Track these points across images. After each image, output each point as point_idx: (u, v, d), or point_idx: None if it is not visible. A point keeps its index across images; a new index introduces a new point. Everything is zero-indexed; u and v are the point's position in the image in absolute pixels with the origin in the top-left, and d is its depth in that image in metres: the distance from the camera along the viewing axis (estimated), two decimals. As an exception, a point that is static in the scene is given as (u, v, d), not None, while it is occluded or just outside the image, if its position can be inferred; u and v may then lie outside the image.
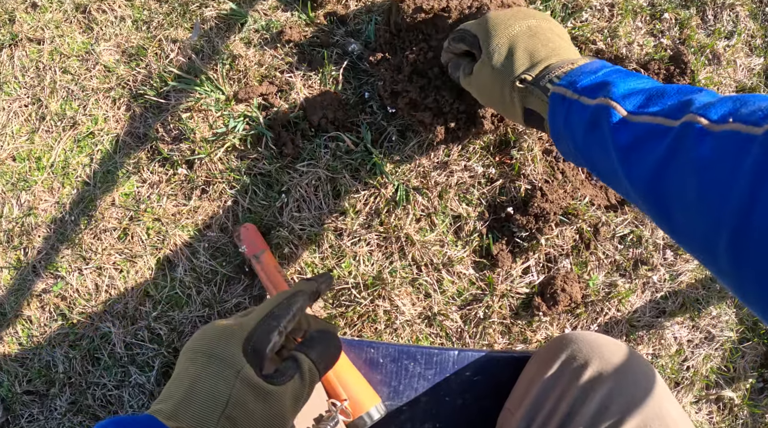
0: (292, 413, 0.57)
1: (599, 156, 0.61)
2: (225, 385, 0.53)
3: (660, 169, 0.52)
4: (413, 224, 1.17)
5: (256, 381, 0.54)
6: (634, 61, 1.33)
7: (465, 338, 1.17)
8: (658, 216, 0.54)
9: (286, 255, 1.16)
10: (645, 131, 0.54)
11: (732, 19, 1.42)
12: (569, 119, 0.66)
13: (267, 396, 0.54)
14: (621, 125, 0.57)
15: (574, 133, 0.65)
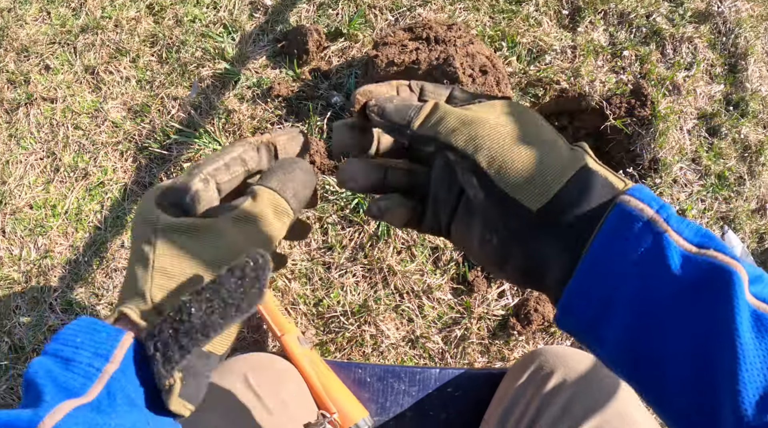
0: (253, 246, 0.45)
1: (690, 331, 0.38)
2: (148, 249, 0.44)
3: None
4: (395, 256, 1.30)
5: (178, 222, 0.44)
6: (597, 97, 1.48)
7: (447, 358, 1.29)
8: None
9: (281, 288, 1.29)
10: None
11: (691, 51, 1.59)
12: (648, 265, 0.39)
13: (200, 231, 0.44)
14: (748, 309, 0.36)
15: (645, 290, 0.39)
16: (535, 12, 1.53)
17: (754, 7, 1.69)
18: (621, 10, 1.56)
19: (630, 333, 0.39)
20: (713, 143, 1.53)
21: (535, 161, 0.43)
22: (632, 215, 0.39)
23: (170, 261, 0.43)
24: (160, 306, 0.42)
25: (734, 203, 1.50)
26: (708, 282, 0.37)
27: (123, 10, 1.53)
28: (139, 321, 0.41)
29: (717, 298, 0.37)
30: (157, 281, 0.43)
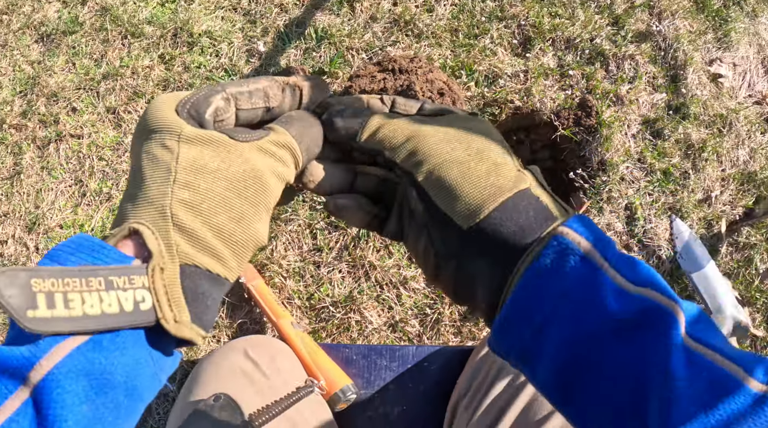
0: (272, 184, 0.45)
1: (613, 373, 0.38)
2: (169, 156, 0.41)
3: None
4: (375, 254, 1.53)
5: (208, 134, 0.43)
6: (548, 112, 1.71)
7: (424, 339, 1.51)
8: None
9: (277, 285, 1.52)
10: (714, 379, 0.36)
11: (633, 66, 1.82)
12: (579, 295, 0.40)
13: (228, 149, 0.43)
14: (683, 351, 0.37)
15: (570, 318, 0.40)
16: (490, 44, 1.78)
17: (692, 23, 1.92)
18: (567, 36, 1.80)
19: (561, 365, 0.39)
20: (657, 144, 1.74)
21: (472, 179, 0.44)
22: (568, 248, 0.39)
23: (194, 175, 0.41)
24: (182, 225, 0.40)
25: (680, 195, 1.70)
26: (644, 322, 0.37)
27: (138, 59, 1.81)
28: (155, 246, 0.39)
29: (652, 338, 0.37)
30: (179, 195, 0.40)
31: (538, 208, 0.43)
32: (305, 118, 0.50)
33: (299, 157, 0.48)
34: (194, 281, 0.40)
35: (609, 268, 0.39)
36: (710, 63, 1.91)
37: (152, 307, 0.38)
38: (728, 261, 1.68)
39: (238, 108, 0.47)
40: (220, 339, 1.53)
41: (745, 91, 1.91)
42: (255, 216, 0.44)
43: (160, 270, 0.39)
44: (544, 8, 1.83)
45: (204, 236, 0.41)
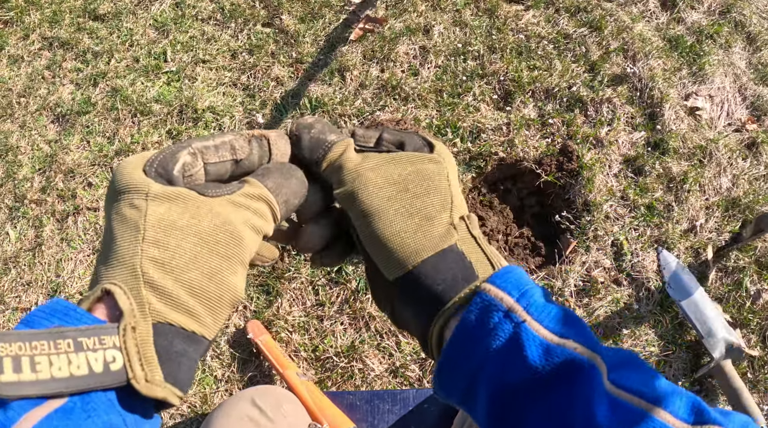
0: (247, 238, 0.45)
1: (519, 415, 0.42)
2: (137, 215, 0.42)
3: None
4: (373, 305, 1.66)
5: (175, 191, 0.43)
6: (531, 160, 1.84)
7: (424, 383, 1.62)
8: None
9: (284, 339, 1.65)
10: (635, 422, 0.38)
11: (611, 109, 1.95)
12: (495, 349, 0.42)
13: (196, 204, 0.43)
14: (605, 398, 0.40)
15: (495, 372, 0.42)
16: (473, 101, 1.93)
17: (666, 61, 2.05)
18: (546, 86, 1.95)
19: (493, 414, 0.42)
20: (639, 180, 1.86)
21: (399, 235, 0.46)
22: (491, 305, 0.41)
23: (164, 231, 0.41)
24: (153, 283, 0.40)
25: (665, 227, 1.80)
26: (565, 374, 0.39)
27: (148, 135, 1.99)
28: (127, 305, 0.39)
29: (574, 389, 0.39)
30: (148, 252, 0.41)
31: (461, 265, 0.45)
32: (284, 169, 0.49)
33: (276, 210, 0.47)
34: (168, 339, 0.40)
35: (532, 321, 0.41)
36: (686, 97, 2.03)
37: (123, 367, 0.38)
38: (718, 287, 1.76)
39: (205, 162, 0.47)
40: (232, 392, 1.65)
41: (724, 120, 2.03)
42: (228, 271, 0.43)
43: (132, 329, 0.38)
44: (522, 62, 1.98)
45: (176, 293, 0.40)
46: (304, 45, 2.09)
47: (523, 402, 0.41)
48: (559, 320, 0.41)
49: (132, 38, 2.23)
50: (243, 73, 2.09)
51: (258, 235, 0.46)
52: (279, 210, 0.48)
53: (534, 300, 0.42)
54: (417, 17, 2.09)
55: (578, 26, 2.07)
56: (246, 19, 2.18)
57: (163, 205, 0.42)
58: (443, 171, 0.50)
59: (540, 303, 0.42)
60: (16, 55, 2.28)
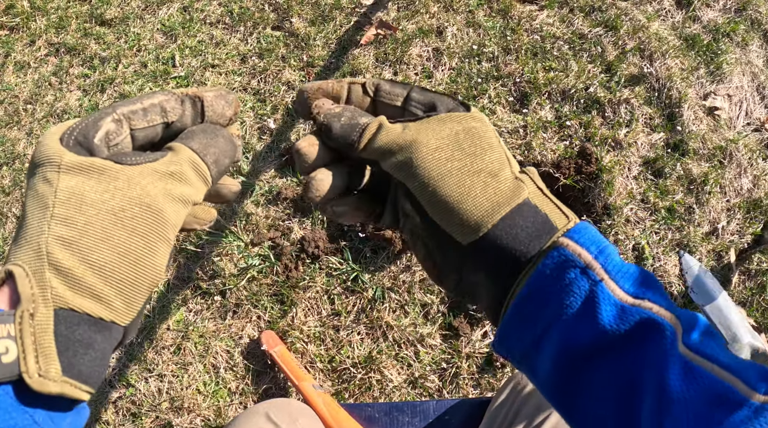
0: (169, 211, 0.42)
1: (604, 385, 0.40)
2: (48, 190, 0.39)
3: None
4: (391, 314, 1.60)
5: (88, 161, 0.40)
6: (549, 163, 1.78)
7: (444, 394, 1.57)
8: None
9: (299, 350, 1.60)
10: (712, 391, 0.36)
11: (629, 110, 1.89)
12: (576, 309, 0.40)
13: (112, 176, 0.40)
14: (679, 363, 0.37)
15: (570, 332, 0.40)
16: (489, 103, 1.88)
17: (683, 61, 1.99)
18: (562, 88, 1.89)
19: (558, 373, 0.40)
20: (659, 183, 1.80)
21: (470, 195, 0.42)
22: (569, 260, 0.39)
23: (74, 207, 0.38)
24: (58, 264, 0.37)
25: (687, 230, 1.75)
26: (639, 335, 0.38)
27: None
28: (27, 288, 0.36)
29: (647, 351, 0.38)
30: (56, 231, 0.37)
31: (538, 220, 0.42)
32: (208, 129, 0.47)
33: (206, 173, 0.45)
34: (70, 327, 0.36)
35: (609, 281, 0.39)
36: (705, 97, 1.98)
37: (16, 359, 0.34)
38: (741, 290, 1.71)
39: (133, 128, 0.43)
40: (246, 405, 1.60)
41: (743, 119, 1.97)
42: (145, 250, 0.40)
43: (30, 317, 0.35)
44: (537, 63, 1.92)
45: (82, 275, 0.37)
46: (315, 48, 2.04)
47: (592, 362, 0.39)
48: (635, 280, 0.39)
49: (139, 43, 2.18)
50: (253, 77, 2.04)
51: (184, 205, 0.43)
52: (209, 171, 0.45)
53: (612, 258, 0.40)
54: (429, 19, 2.03)
55: (593, 26, 2.02)
56: (255, 23, 2.13)
57: (76, 177, 0.39)
58: (489, 127, 0.47)
59: (618, 261, 0.40)
60: (22, 62, 2.23)
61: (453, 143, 0.44)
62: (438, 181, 0.43)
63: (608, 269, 0.39)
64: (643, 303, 0.39)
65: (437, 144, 0.44)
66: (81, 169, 0.39)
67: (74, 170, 0.39)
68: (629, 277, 0.40)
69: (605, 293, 0.39)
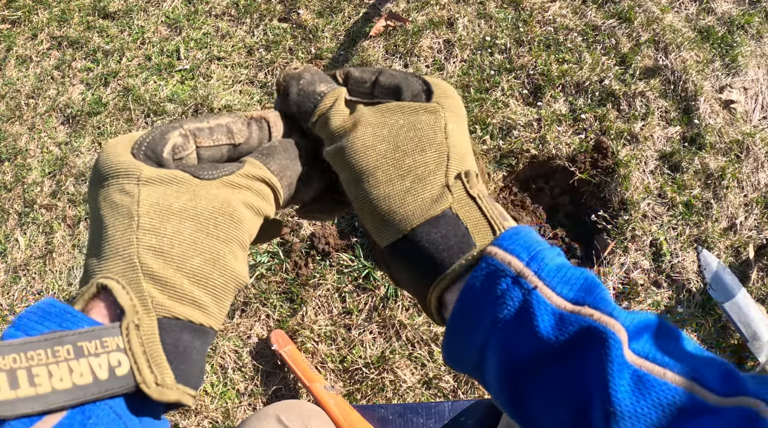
0: (247, 220, 0.41)
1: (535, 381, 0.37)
2: (129, 201, 0.38)
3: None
4: (404, 312, 1.53)
5: (170, 174, 0.39)
6: (564, 157, 1.72)
7: (459, 394, 1.50)
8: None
9: (309, 350, 1.53)
10: (663, 398, 0.34)
11: (644, 103, 1.82)
12: (507, 321, 0.37)
13: (192, 187, 0.39)
14: (625, 370, 0.34)
15: (510, 344, 0.37)
16: (502, 96, 1.80)
17: (698, 53, 1.92)
18: (576, 80, 1.82)
19: (506, 385, 0.38)
20: (676, 177, 1.73)
21: (388, 199, 0.41)
22: (498, 270, 0.36)
23: (160, 219, 0.37)
24: (153, 274, 0.36)
25: (705, 225, 1.68)
26: (581, 344, 0.35)
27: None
28: (127, 300, 0.35)
29: (590, 361, 0.34)
30: (145, 241, 0.37)
31: (458, 232, 0.40)
32: (290, 149, 0.45)
33: (280, 193, 0.44)
34: (175, 335, 0.36)
35: (544, 288, 0.36)
36: (721, 90, 1.91)
37: (130, 371, 0.34)
38: (760, 287, 1.66)
39: (198, 145, 0.43)
40: (256, 407, 1.54)
41: (759, 113, 1.90)
42: (230, 256, 0.40)
43: (136, 328, 0.35)
44: (551, 55, 1.85)
45: (179, 284, 0.37)
46: (323, 40, 1.96)
47: (535, 375, 0.36)
48: (573, 284, 0.36)
49: (143, 36, 2.10)
50: (260, 69, 1.96)
51: (258, 217, 0.43)
52: (282, 193, 0.44)
53: (546, 263, 0.37)
54: (440, 10, 1.95)
55: (607, 17, 1.94)
56: (262, 15, 2.05)
57: (158, 189, 0.38)
58: (439, 122, 0.44)
59: (553, 266, 0.37)
60: (24, 56, 2.16)
61: (391, 138, 0.43)
62: (361, 179, 0.42)
63: (542, 275, 0.36)
64: (583, 310, 0.35)
65: (372, 140, 0.43)
66: (162, 181, 0.39)
67: (154, 182, 0.39)
68: (567, 282, 0.37)
69: (541, 301, 0.36)
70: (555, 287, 0.36)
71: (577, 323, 0.35)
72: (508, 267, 0.36)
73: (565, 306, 0.36)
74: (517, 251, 0.37)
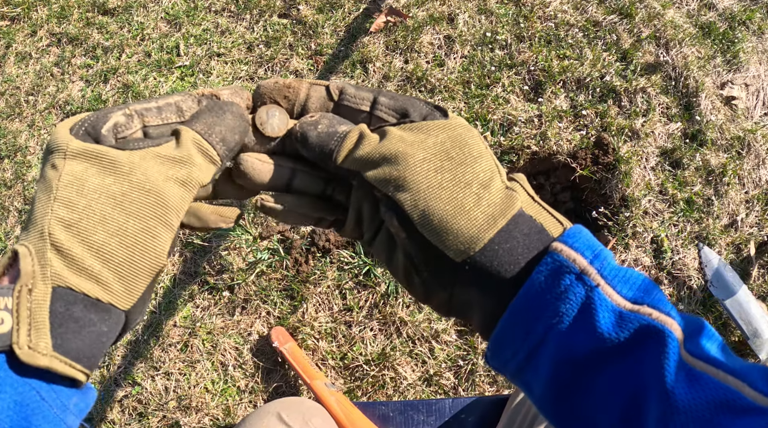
0: (171, 196, 0.41)
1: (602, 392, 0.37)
2: (54, 175, 0.39)
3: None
4: (404, 309, 1.52)
5: (91, 148, 0.40)
6: (565, 153, 1.70)
7: (459, 391, 1.49)
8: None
9: (310, 346, 1.52)
10: (716, 395, 0.34)
11: (645, 99, 1.81)
12: (574, 316, 0.37)
13: (114, 162, 0.40)
14: (681, 368, 0.35)
15: (570, 340, 0.37)
16: (502, 92, 1.79)
17: (699, 49, 1.91)
18: (577, 76, 1.81)
19: (557, 383, 0.38)
20: (677, 174, 1.72)
21: (463, 209, 0.39)
22: (563, 266, 0.37)
23: (76, 191, 0.38)
24: (58, 245, 0.37)
25: (706, 222, 1.67)
26: (639, 342, 0.35)
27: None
28: (28, 265, 0.36)
29: (646, 358, 0.35)
30: (58, 213, 0.38)
31: (534, 230, 0.40)
32: (215, 107, 0.44)
33: (212, 153, 0.43)
34: (66, 306, 0.36)
35: (606, 286, 0.37)
36: (722, 86, 1.90)
37: (10, 330, 0.34)
38: (761, 284, 1.65)
39: (146, 124, 0.43)
40: (256, 404, 1.53)
41: (761, 109, 1.89)
42: (145, 234, 0.39)
43: (28, 292, 0.35)
44: (551, 51, 1.84)
45: (80, 256, 0.37)
46: (323, 36, 1.95)
47: (591, 372, 0.36)
48: (633, 284, 0.37)
49: (143, 32, 2.08)
50: (260, 66, 1.95)
51: (188, 189, 0.42)
52: (216, 151, 0.43)
53: (608, 262, 0.37)
54: (440, 5, 1.94)
55: (608, 13, 1.93)
56: (261, 10, 2.04)
57: (81, 164, 0.39)
58: (475, 134, 0.44)
59: (614, 266, 0.37)
60: (23, 53, 2.15)
61: (441, 153, 0.41)
62: (429, 195, 0.40)
63: (604, 274, 0.37)
64: (642, 309, 0.36)
65: (424, 155, 0.41)
66: (85, 155, 0.39)
67: (79, 156, 0.39)
68: (626, 282, 0.37)
69: (602, 299, 0.36)
70: (616, 286, 0.37)
71: (636, 321, 0.35)
72: (572, 264, 0.37)
73: (625, 305, 0.36)
74: (581, 249, 0.37)
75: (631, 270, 0.38)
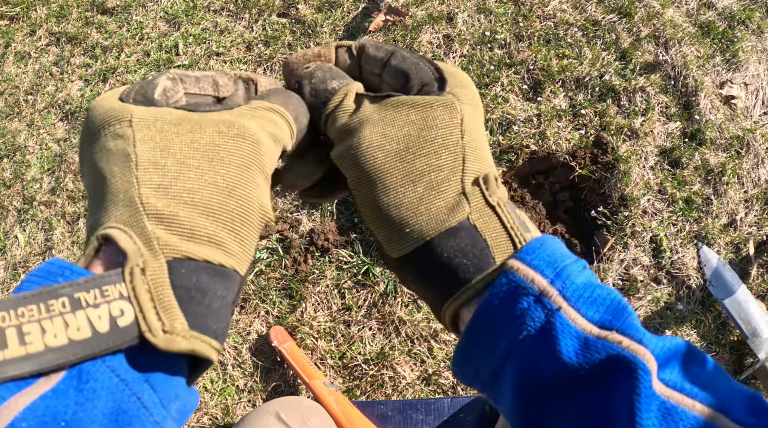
0: (266, 143, 0.37)
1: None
2: (123, 144, 0.34)
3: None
4: (403, 308, 1.52)
5: (163, 110, 0.36)
6: (564, 152, 1.70)
7: (458, 391, 1.49)
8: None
9: (309, 346, 1.52)
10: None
11: (644, 98, 1.81)
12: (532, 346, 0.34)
13: (192, 120, 0.36)
14: (653, 403, 0.32)
15: (531, 368, 0.34)
16: (501, 91, 1.79)
17: (698, 48, 1.91)
18: (576, 76, 1.80)
19: (521, 408, 0.35)
20: (676, 173, 1.72)
21: (401, 207, 0.37)
22: (519, 287, 0.33)
23: (161, 153, 0.33)
24: (158, 213, 0.32)
25: (705, 222, 1.67)
26: (608, 372, 0.32)
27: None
28: (130, 244, 0.31)
29: (616, 392, 0.32)
30: (145, 178, 0.33)
31: (477, 246, 0.36)
32: (281, 91, 0.42)
33: (291, 122, 0.40)
34: (188, 278, 0.32)
35: (568, 309, 0.33)
36: (721, 86, 1.89)
37: (134, 320, 0.30)
38: (760, 284, 1.65)
39: (185, 91, 0.40)
40: (255, 403, 1.53)
41: (760, 108, 1.89)
42: (249, 182, 0.35)
43: (141, 272, 0.30)
44: (551, 50, 1.84)
45: (189, 218, 0.32)
46: (322, 35, 1.95)
47: (555, 404, 0.33)
48: (600, 305, 0.33)
49: (142, 31, 2.08)
50: (259, 65, 1.95)
51: (277, 145, 0.38)
52: (295, 128, 0.41)
53: (572, 281, 0.33)
54: (439, 5, 1.94)
55: (607, 12, 1.93)
56: (261, 10, 2.04)
57: (153, 126, 0.34)
58: (455, 118, 0.39)
59: (579, 285, 0.34)
60: (22, 52, 2.14)
61: (401, 137, 0.39)
62: (369, 185, 0.38)
63: (567, 295, 0.33)
64: (611, 336, 0.32)
65: (380, 141, 0.38)
66: (156, 118, 0.35)
67: (149, 119, 0.35)
68: (593, 303, 0.33)
69: (565, 323, 0.33)
70: (580, 308, 0.33)
71: (603, 350, 0.32)
72: (530, 285, 0.33)
73: (591, 330, 0.33)
74: (541, 267, 0.34)
75: (600, 287, 0.34)
